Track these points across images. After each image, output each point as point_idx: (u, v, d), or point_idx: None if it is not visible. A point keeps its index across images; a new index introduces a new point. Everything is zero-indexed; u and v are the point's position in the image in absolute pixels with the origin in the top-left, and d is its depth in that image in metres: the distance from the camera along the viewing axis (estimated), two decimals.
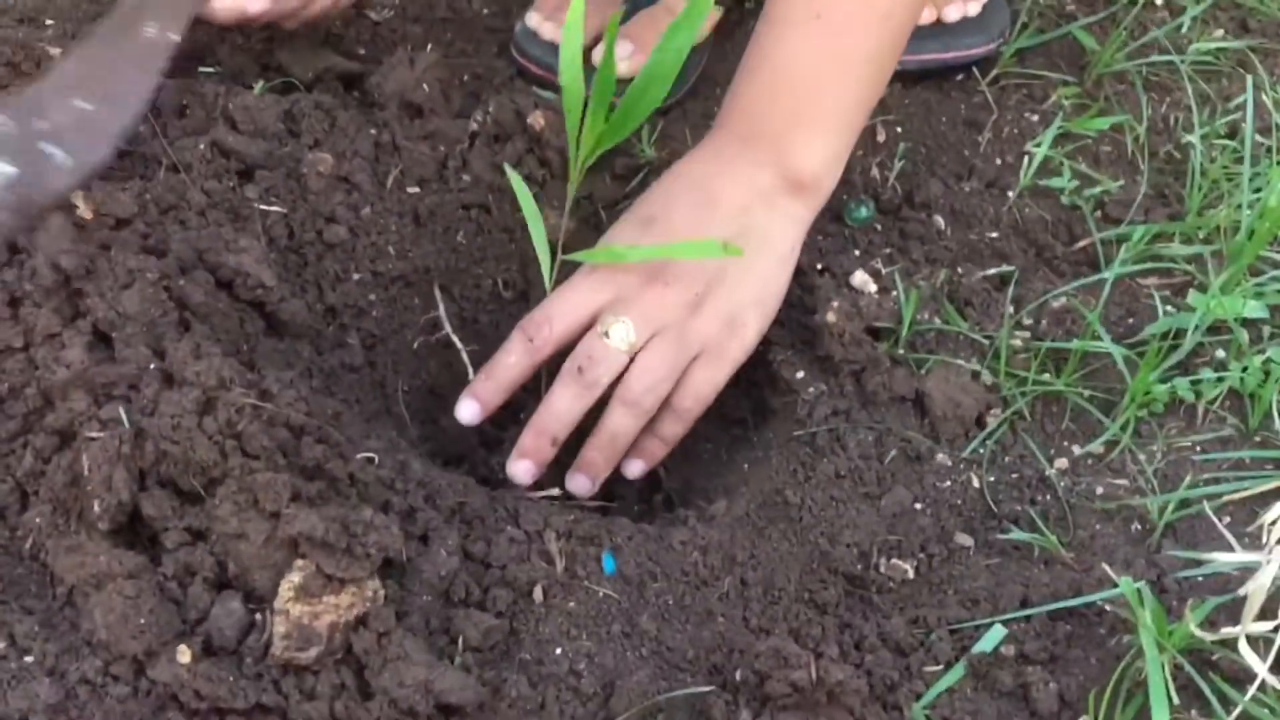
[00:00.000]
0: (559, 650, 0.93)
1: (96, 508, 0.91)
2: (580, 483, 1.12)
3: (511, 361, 1.11)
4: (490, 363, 1.12)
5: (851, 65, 1.13)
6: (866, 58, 1.14)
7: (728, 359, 1.12)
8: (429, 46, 1.43)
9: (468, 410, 1.11)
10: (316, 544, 0.88)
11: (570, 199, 1.15)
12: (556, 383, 1.10)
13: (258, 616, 0.90)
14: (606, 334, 1.08)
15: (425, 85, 1.30)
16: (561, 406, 1.09)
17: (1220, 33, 1.55)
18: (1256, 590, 0.87)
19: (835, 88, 1.14)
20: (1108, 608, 0.99)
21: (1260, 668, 0.88)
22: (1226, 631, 0.90)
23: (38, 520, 0.93)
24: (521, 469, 1.09)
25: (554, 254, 1.13)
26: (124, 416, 0.93)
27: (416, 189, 1.24)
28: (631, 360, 1.09)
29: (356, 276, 1.20)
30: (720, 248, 1.07)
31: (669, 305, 1.10)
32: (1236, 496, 1.04)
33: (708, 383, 1.12)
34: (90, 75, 1.14)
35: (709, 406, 1.13)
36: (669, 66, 1.08)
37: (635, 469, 1.14)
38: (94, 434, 0.92)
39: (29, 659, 0.88)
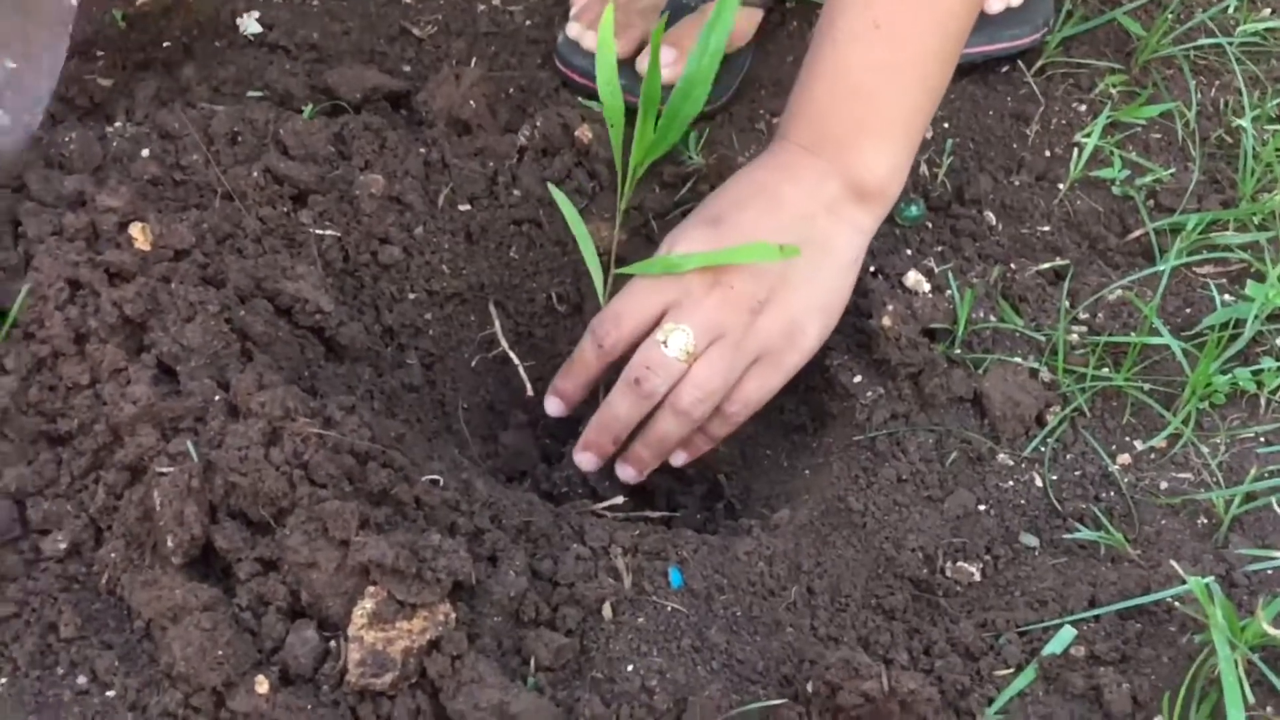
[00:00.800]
0: (630, 667, 0.94)
1: (170, 542, 0.92)
2: (627, 473, 1.15)
3: (586, 360, 1.14)
4: (568, 362, 1.16)
5: (911, 73, 1.14)
6: (926, 65, 1.14)
7: (784, 366, 1.12)
8: (473, 61, 1.43)
9: (552, 405, 1.16)
10: (387, 570, 0.89)
11: (620, 212, 1.15)
12: (616, 389, 1.12)
13: (332, 644, 0.91)
14: (665, 342, 1.08)
15: (472, 101, 1.31)
16: (620, 411, 1.12)
17: (1268, 12, 1.53)
18: None
19: (897, 96, 1.14)
20: (1177, 605, 0.99)
21: None
22: None
23: (112, 556, 0.94)
24: (586, 458, 1.15)
25: (606, 266, 1.14)
26: (192, 450, 0.94)
27: (468, 206, 1.25)
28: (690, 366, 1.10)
29: (412, 296, 1.21)
30: (776, 250, 1.07)
31: (731, 309, 1.10)
32: None
33: (760, 390, 1.12)
34: (7, 35, 1.16)
35: (764, 409, 1.13)
36: (707, 69, 1.08)
37: (678, 459, 1.16)
38: (164, 469, 0.93)
39: (110, 693, 0.89)
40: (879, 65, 1.12)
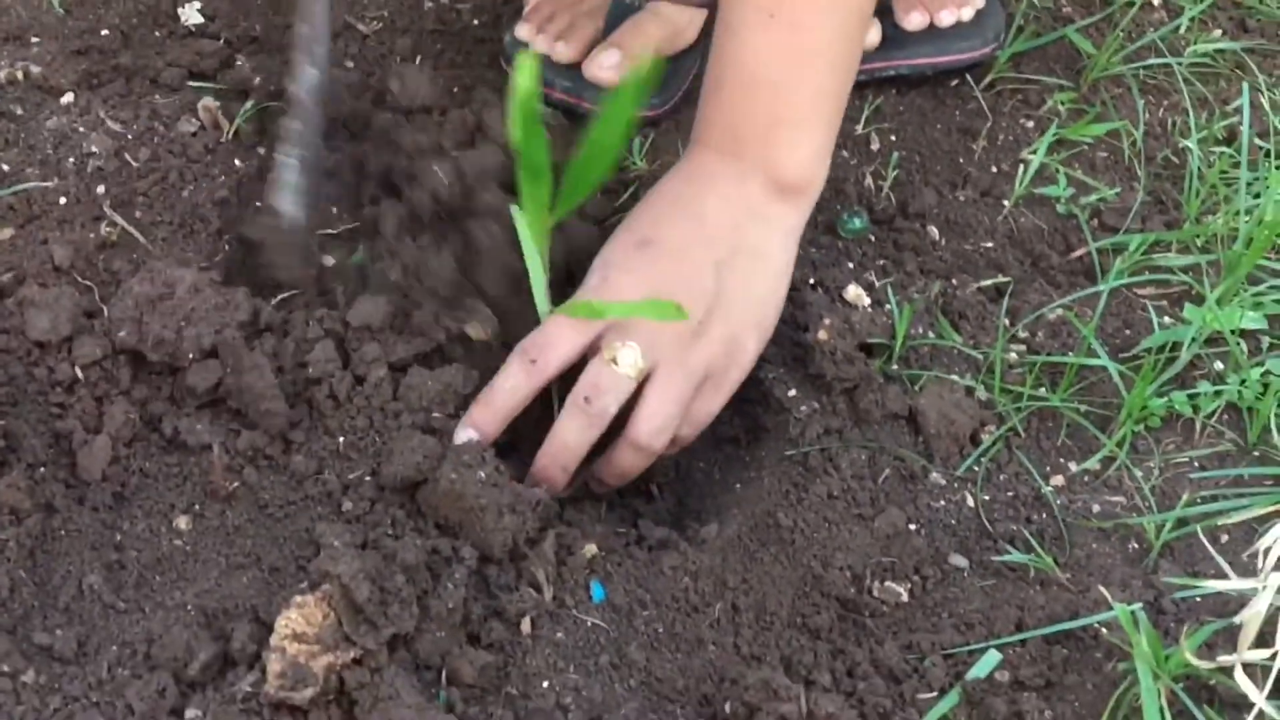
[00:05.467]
0: (546, 684, 0.92)
1: None
2: (595, 488, 1.11)
3: (510, 386, 1.05)
4: (488, 388, 1.06)
5: (815, 57, 1.11)
6: (828, 47, 1.11)
7: (726, 385, 1.10)
8: (418, 58, 1.42)
9: (465, 438, 1.04)
10: (343, 599, 0.89)
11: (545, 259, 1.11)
12: (564, 413, 1.06)
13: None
14: (614, 360, 1.06)
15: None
16: (570, 438, 1.05)
17: (1219, 33, 1.53)
18: (1252, 618, 0.86)
19: (804, 83, 1.11)
20: (1104, 631, 0.98)
21: (1257, 696, 0.87)
22: (1223, 659, 0.89)
23: None
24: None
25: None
26: None
27: None
28: (641, 385, 1.06)
29: None
30: (675, 310, 1.03)
31: (670, 329, 1.06)
32: (1231, 522, 1.03)
33: (706, 411, 1.10)
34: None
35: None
36: (613, 140, 1.02)
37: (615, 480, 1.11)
38: None
39: None
40: (781, 54, 1.10)
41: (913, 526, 1.07)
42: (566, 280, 1.15)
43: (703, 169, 1.13)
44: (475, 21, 1.50)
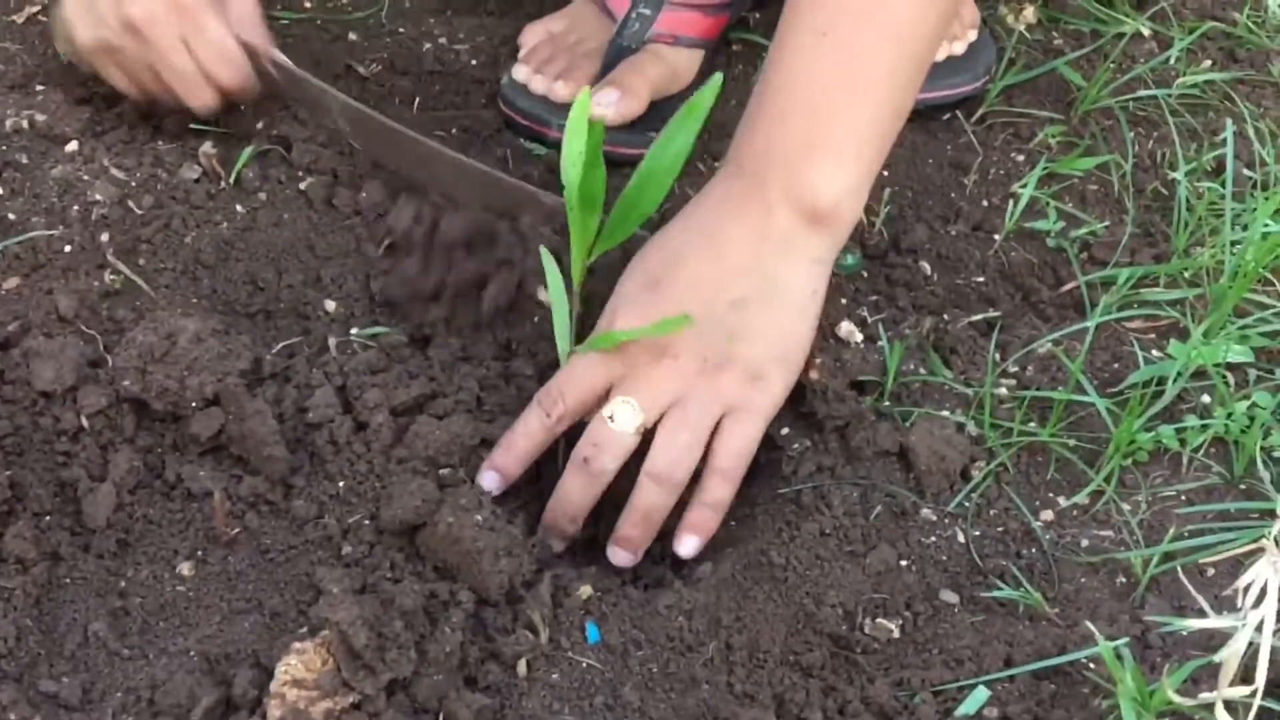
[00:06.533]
0: None
1: None
2: (621, 557, 1.09)
3: (529, 432, 1.09)
4: (509, 434, 1.09)
5: (864, 86, 1.08)
6: (880, 79, 1.08)
7: (758, 412, 1.09)
8: (416, 100, 1.44)
9: (490, 480, 1.08)
10: (341, 645, 0.91)
11: (577, 297, 1.13)
12: (566, 472, 1.08)
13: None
14: (612, 418, 1.07)
15: None
16: (574, 496, 1.08)
17: (1208, 64, 1.54)
18: (1231, 656, 0.87)
19: (848, 110, 1.08)
20: (1091, 666, 0.99)
21: None
22: (1204, 696, 0.91)
23: None
24: (553, 545, 1.09)
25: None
26: None
27: None
28: (650, 432, 1.08)
29: None
30: (685, 320, 1.05)
31: (678, 378, 1.07)
32: (1215, 559, 1.04)
33: (743, 437, 1.09)
34: None
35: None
36: (668, 167, 1.05)
37: (690, 546, 1.09)
38: None
39: None
40: (826, 75, 1.08)
41: (904, 563, 1.09)
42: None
43: (729, 195, 1.11)
44: (473, 62, 1.52)
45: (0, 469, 1.01)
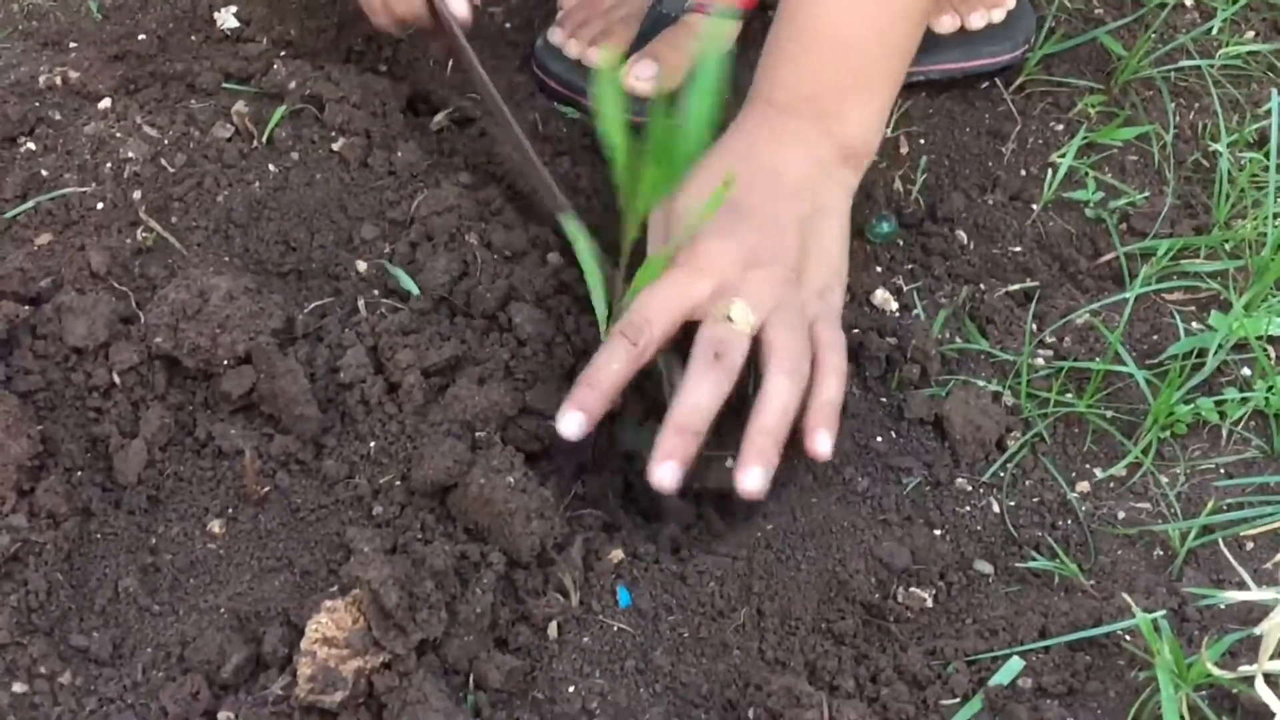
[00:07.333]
0: (572, 689, 0.93)
1: None
2: (755, 478, 1.02)
3: (615, 368, 1.04)
4: (589, 369, 1.05)
5: (886, 24, 1.16)
6: (900, 16, 1.16)
7: (836, 320, 1.13)
8: (449, 62, 1.43)
9: (573, 422, 1.03)
10: (372, 603, 0.90)
11: (626, 254, 1.09)
12: (691, 374, 1.04)
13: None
14: (730, 317, 1.06)
15: None
16: (703, 398, 1.03)
17: (1251, 34, 1.52)
18: (1272, 629, 0.87)
19: (874, 49, 1.16)
20: (1127, 638, 0.98)
21: (1278, 707, 0.87)
22: (1244, 669, 0.90)
23: None
24: (668, 473, 1.01)
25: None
26: None
27: None
28: (756, 340, 1.07)
29: None
30: (729, 184, 1.02)
31: (773, 284, 1.09)
32: (1255, 532, 1.03)
33: (840, 340, 1.10)
34: None
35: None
36: (706, 112, 1.00)
37: (825, 444, 1.05)
38: None
39: None
40: (854, 17, 1.15)
41: (938, 532, 1.08)
42: None
43: (772, 126, 1.17)
44: (508, 24, 1.51)
45: (32, 424, 1.01)
